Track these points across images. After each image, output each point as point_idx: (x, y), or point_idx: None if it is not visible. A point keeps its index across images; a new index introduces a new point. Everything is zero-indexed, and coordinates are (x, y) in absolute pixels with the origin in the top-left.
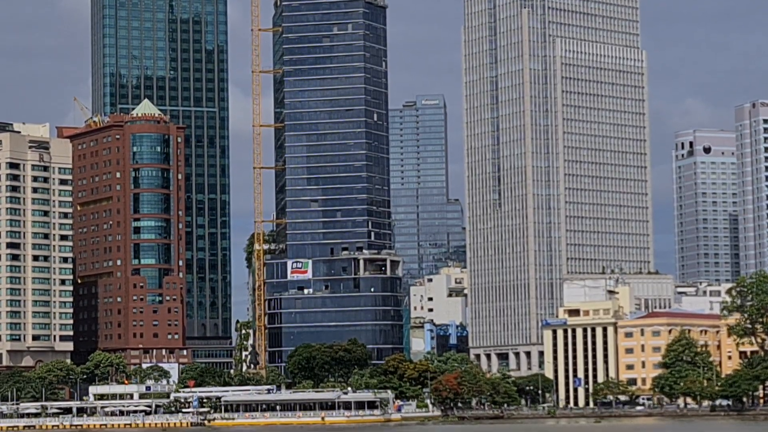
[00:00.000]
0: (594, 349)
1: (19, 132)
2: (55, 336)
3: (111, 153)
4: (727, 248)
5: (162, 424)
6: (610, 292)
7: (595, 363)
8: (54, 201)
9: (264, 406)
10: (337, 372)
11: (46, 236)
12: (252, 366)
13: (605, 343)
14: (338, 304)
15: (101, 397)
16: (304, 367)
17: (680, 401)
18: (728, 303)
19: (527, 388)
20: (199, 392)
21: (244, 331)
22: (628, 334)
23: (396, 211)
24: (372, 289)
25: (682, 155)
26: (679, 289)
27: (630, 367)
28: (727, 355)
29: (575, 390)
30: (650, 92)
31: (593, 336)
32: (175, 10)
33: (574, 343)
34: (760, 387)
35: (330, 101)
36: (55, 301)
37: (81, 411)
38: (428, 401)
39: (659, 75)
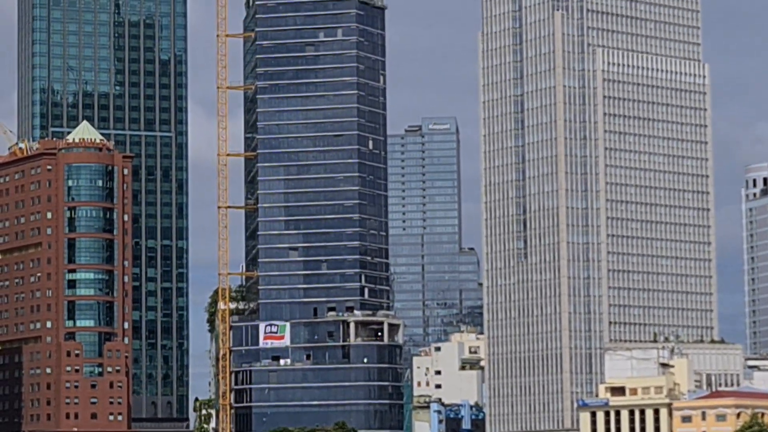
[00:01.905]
0: None
1: None
2: None
3: (41, 188)
4: None
5: None
6: (664, 365)
7: None
8: None
9: None
10: None
11: None
12: None
13: (657, 429)
14: (323, 378)
15: None
16: None
17: None
18: None
19: None
20: None
21: (204, 412)
22: (686, 419)
23: (396, 263)
24: (365, 360)
25: (754, 194)
26: (751, 363)
27: None
28: None
29: None
30: (714, 116)
31: (642, 420)
32: (122, 11)
33: (618, 429)
34: None
35: (314, 125)
36: None
37: None
38: None
39: (725, 94)
